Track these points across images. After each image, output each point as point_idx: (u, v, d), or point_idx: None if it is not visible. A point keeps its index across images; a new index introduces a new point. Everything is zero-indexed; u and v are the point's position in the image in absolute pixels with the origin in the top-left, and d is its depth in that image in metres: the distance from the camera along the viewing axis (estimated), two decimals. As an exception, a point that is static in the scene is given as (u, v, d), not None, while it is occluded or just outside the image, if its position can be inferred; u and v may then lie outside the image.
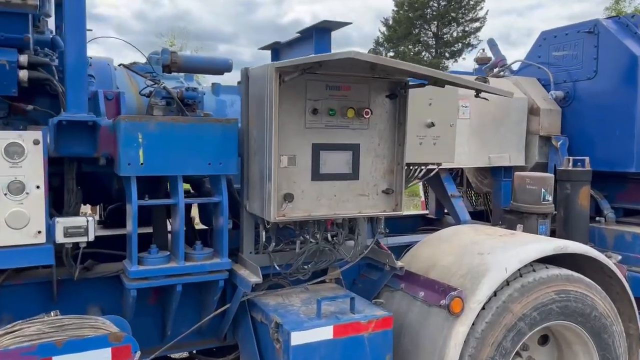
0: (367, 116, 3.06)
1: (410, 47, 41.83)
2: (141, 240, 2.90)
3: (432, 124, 3.51)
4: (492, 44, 5.95)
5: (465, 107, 4.62)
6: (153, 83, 3.36)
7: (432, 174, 3.82)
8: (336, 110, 3.01)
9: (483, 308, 3.17)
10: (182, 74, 3.91)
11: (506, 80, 5.23)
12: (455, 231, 3.90)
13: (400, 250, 3.99)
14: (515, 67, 5.72)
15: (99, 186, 3.53)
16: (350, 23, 3.72)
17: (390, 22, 42.74)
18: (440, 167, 3.81)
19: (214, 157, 3.00)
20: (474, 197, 6.24)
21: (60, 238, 2.67)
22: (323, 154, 3.02)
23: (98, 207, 4.62)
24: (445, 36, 42.49)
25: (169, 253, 3.04)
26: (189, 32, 44.75)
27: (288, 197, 2.92)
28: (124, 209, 3.00)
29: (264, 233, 3.15)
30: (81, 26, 2.77)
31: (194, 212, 3.97)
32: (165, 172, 2.93)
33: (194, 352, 3.76)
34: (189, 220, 3.92)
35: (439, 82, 2.92)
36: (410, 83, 3.15)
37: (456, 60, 41.75)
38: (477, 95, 2.94)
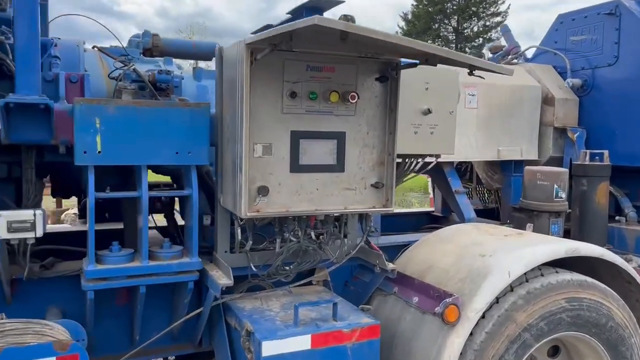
0: (354, 101, 2.73)
1: (429, 41, 41.09)
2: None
3: (429, 111, 3.17)
4: (505, 30, 5.58)
5: (472, 95, 4.26)
6: (123, 65, 3.08)
7: (430, 166, 3.48)
8: (318, 94, 2.69)
9: (483, 317, 2.83)
10: (160, 59, 3.62)
11: (519, 68, 4.84)
12: (456, 230, 3.55)
13: (397, 251, 3.67)
14: (529, 54, 5.32)
15: (69, 177, 3.27)
16: (343, 1, 3.39)
17: (410, 16, 42.15)
18: (439, 159, 3.45)
19: (182, 146, 2.71)
20: (486, 194, 5.86)
21: (3, 233, 2.41)
22: (303, 143, 2.71)
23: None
24: (465, 31, 41.74)
25: (132, 251, 2.76)
26: (207, 29, 44.65)
27: (262, 191, 2.62)
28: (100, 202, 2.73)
29: (239, 230, 2.84)
30: (31, 1, 2.50)
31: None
32: (127, 162, 2.65)
33: (171, 358, 3.49)
34: (171, 216, 3.66)
35: (431, 60, 2.57)
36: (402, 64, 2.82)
37: (478, 54, 40.95)
38: (470, 73, 2.59)
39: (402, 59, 2.82)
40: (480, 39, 41.13)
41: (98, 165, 2.60)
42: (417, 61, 2.72)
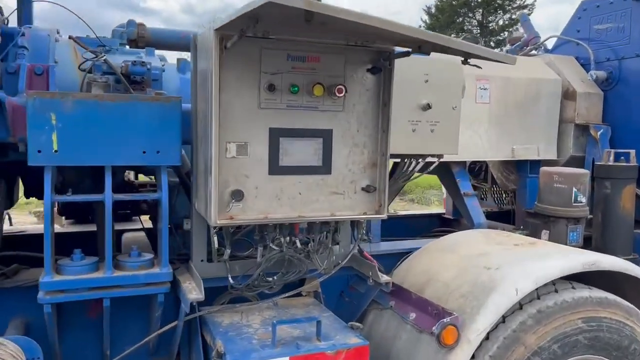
0: (341, 95, 2.43)
1: (453, 35, 40.34)
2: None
3: (429, 106, 2.84)
4: (524, 19, 5.19)
5: (484, 89, 3.91)
6: (94, 56, 2.83)
7: (432, 167, 3.15)
8: (300, 87, 2.40)
9: (487, 338, 2.52)
10: (143, 50, 3.36)
11: (537, 60, 4.47)
12: (461, 238, 3.22)
13: (399, 259, 3.36)
14: (550, 44, 4.92)
15: (41, 177, 3.04)
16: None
17: (433, 10, 41.35)
18: (442, 159, 3.12)
19: (149, 144, 2.45)
20: (503, 195, 5.48)
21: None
22: (284, 142, 2.42)
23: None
24: (490, 24, 40.74)
25: (96, 260, 2.51)
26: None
27: (236, 195, 2.34)
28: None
29: (215, 238, 2.57)
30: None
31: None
32: (87, 162, 2.39)
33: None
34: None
35: (424, 48, 2.24)
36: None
37: (501, 49, 40.00)
38: (465, 62, 2.25)
39: (397, 48, 2.51)
40: (506, 33, 40.12)
41: (55, 166, 2.35)
42: (410, 49, 2.40)
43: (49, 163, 2.32)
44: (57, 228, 4.29)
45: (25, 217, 9.24)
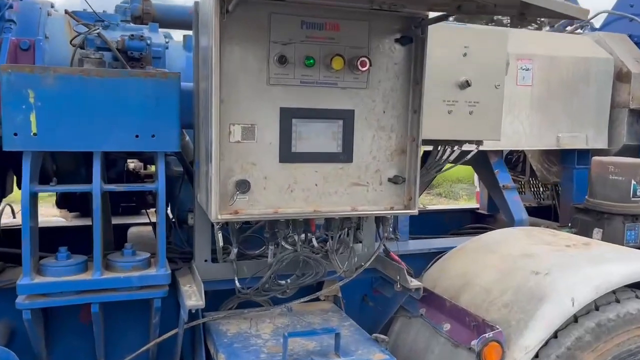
0: (364, 68, 2.07)
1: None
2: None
3: (468, 84, 2.44)
4: (568, -5, 4.69)
5: (526, 70, 3.49)
6: (87, 30, 2.53)
7: (469, 156, 2.75)
8: (316, 60, 2.04)
9: (536, 356, 2.14)
10: (146, 26, 3.05)
11: (585, 37, 4.01)
12: (502, 237, 2.83)
13: (430, 259, 2.99)
14: (598, 22, 4.44)
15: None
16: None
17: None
18: (481, 147, 2.72)
19: (143, 128, 2.13)
20: (541, 188, 5.04)
21: None
22: (297, 124, 2.07)
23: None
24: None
25: (85, 259, 2.21)
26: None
27: (241, 186, 2.00)
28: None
29: (220, 234, 2.24)
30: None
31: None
32: (71, 147, 2.09)
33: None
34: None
35: (465, 7, 1.85)
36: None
37: (540, 29, 38.72)
38: (521, 18, 1.83)
39: (431, 13, 2.12)
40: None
41: (34, 151, 2.05)
42: (446, 12, 2.01)
43: (26, 148, 2.02)
44: (61, 222, 4.06)
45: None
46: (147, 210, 3.57)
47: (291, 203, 2.10)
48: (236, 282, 2.34)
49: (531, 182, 4.89)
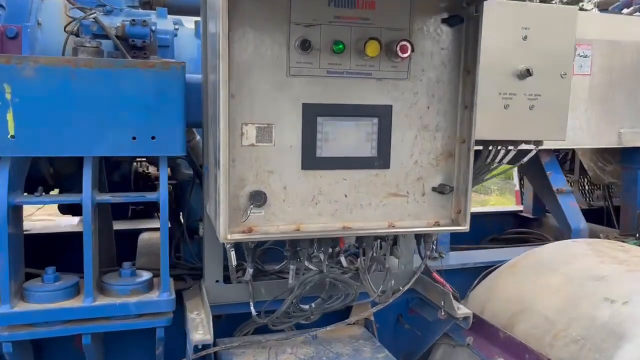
0: (405, 55, 1.69)
1: None
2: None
3: (529, 73, 2.04)
4: (624, -27, 4.20)
5: (585, 57, 3.05)
6: (82, 15, 2.21)
7: (526, 158, 2.36)
8: (346, 45, 1.67)
9: (614, 406, 1.74)
10: (153, 12, 2.73)
11: (647, 21, 3.53)
12: (563, 252, 2.42)
13: (473, 274, 2.62)
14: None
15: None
16: None
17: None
18: (541, 147, 2.31)
19: (141, 128, 1.80)
20: (590, 189, 4.58)
21: None
22: (324, 124, 1.71)
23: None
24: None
25: (76, 280, 1.89)
26: None
27: (256, 199, 1.66)
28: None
29: (233, 252, 1.90)
30: None
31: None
32: (56, 152, 1.77)
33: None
34: (177, 217, 2.80)
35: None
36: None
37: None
38: None
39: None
40: None
41: (13, 157, 1.73)
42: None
43: (3, 153, 1.71)
44: (71, 227, 3.80)
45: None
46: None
47: (315, 218, 1.75)
48: (252, 307, 2.01)
49: (581, 182, 4.44)
